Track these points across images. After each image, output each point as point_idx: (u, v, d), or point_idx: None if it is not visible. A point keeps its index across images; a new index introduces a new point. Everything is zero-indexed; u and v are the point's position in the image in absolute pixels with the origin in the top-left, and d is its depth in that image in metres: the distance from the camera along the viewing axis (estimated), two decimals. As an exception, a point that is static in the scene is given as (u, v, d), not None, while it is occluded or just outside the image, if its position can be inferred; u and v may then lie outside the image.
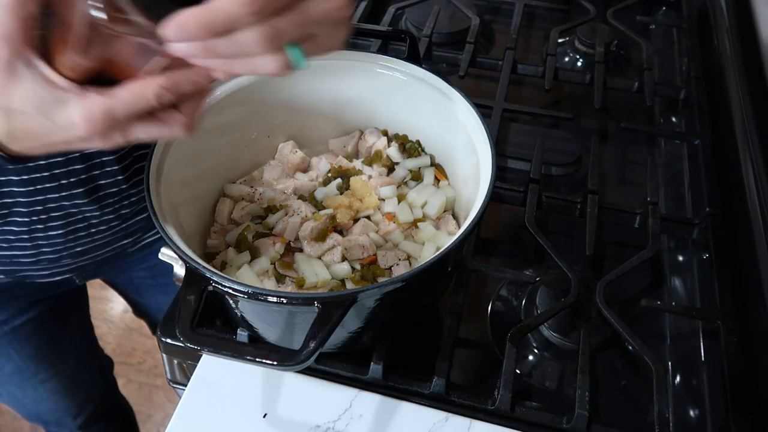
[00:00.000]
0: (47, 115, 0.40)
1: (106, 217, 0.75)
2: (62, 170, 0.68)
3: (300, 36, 0.40)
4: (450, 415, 0.61)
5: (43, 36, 0.40)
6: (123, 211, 0.77)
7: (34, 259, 0.75)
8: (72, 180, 0.69)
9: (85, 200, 0.71)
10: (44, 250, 0.74)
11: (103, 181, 0.72)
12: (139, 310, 1.10)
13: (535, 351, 0.68)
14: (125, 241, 0.82)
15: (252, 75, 0.60)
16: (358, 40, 1.00)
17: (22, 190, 0.67)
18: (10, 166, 0.56)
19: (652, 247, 0.72)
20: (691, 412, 0.64)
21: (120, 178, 0.73)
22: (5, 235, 0.71)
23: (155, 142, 0.59)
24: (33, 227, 0.70)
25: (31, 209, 0.69)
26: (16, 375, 0.91)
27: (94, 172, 0.71)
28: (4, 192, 0.67)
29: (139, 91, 0.40)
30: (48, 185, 0.68)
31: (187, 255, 0.52)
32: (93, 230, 0.75)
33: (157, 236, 0.86)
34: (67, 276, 0.82)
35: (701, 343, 0.68)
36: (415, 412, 0.61)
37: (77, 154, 0.68)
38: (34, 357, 0.90)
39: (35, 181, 0.67)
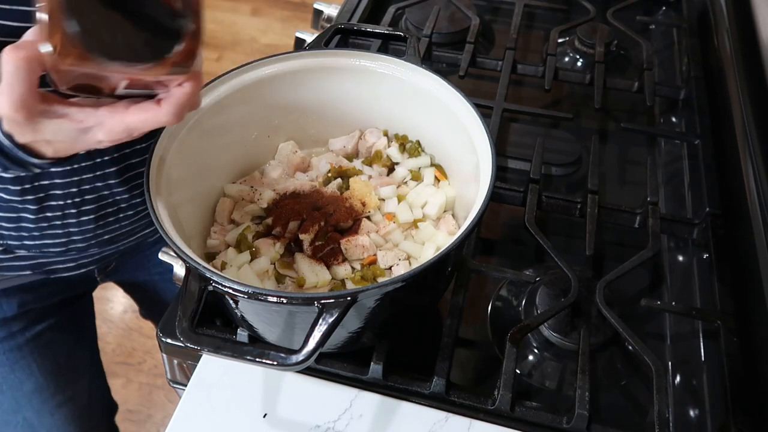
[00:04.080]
0: (76, 141, 0.50)
1: (134, 201, 0.79)
2: (96, 149, 0.71)
3: None
4: (450, 415, 0.61)
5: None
6: None
7: (63, 249, 0.78)
8: (105, 158, 0.74)
9: (117, 180, 0.76)
10: (74, 238, 0.77)
11: (134, 160, 0.77)
12: (152, 309, 1.11)
13: (535, 351, 0.68)
14: (147, 230, 0.86)
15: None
16: (358, 40, 1.00)
17: (60, 170, 0.71)
18: (54, 169, 0.69)
19: (652, 247, 0.72)
20: (691, 412, 0.64)
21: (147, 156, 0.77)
22: (39, 223, 0.74)
23: (155, 143, 0.60)
24: (66, 212, 0.74)
25: (66, 191, 0.73)
26: (35, 395, 0.91)
27: (125, 151, 0.75)
28: (43, 174, 0.70)
29: (153, 117, 0.49)
30: (84, 164, 0.72)
31: (187, 255, 0.52)
32: (121, 215, 0.80)
33: None
34: (91, 268, 0.86)
35: (701, 343, 0.68)
36: (415, 412, 0.61)
37: None
38: (54, 372, 0.91)
39: (72, 160, 0.70)
